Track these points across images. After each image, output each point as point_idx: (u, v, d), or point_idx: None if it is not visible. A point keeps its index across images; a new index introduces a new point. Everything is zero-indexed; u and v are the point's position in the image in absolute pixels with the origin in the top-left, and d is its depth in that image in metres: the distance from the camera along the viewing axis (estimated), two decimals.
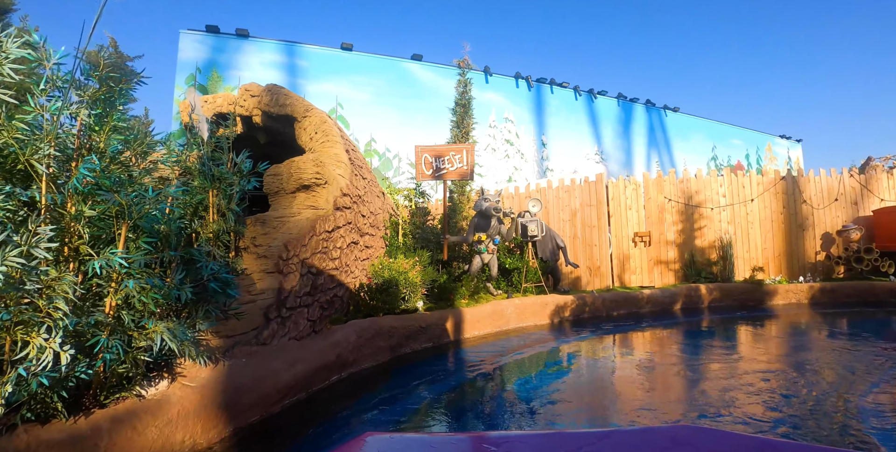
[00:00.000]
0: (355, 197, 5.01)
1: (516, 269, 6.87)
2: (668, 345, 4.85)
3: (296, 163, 3.89)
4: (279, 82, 14.08)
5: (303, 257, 3.73)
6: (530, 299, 6.08)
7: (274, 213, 3.54)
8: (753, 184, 8.60)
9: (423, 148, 6.25)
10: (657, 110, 21.29)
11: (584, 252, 8.22)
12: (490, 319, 5.50)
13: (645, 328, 5.78)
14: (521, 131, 17.37)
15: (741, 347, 4.70)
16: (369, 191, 6.02)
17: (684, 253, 8.32)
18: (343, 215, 4.47)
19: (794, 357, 4.11)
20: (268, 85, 6.19)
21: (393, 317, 4.50)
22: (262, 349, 3.21)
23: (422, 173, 6.24)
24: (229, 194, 3.10)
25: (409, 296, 4.80)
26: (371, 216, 5.73)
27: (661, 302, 7.17)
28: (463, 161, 6.19)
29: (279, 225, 3.49)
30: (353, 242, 4.81)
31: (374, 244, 5.72)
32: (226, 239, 2.99)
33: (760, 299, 7.59)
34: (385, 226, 6.54)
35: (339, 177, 4.60)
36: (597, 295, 6.73)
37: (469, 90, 7.47)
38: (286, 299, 3.51)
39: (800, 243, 8.61)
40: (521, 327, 5.81)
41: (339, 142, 5.20)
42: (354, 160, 5.64)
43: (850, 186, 8.92)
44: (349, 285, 4.71)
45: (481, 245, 6.29)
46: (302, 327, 3.73)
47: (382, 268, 4.75)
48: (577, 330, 5.71)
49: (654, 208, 8.42)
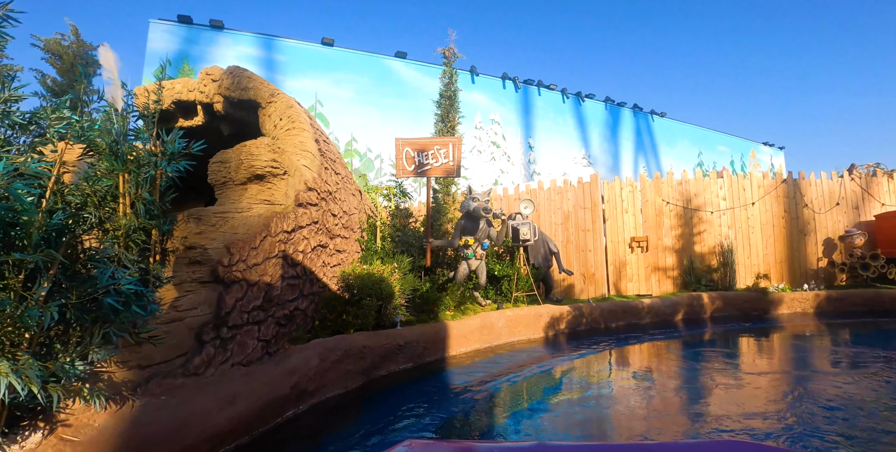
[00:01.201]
0: (324, 193, 4.33)
1: (506, 276, 6.25)
2: (676, 365, 4.26)
3: (247, 148, 3.20)
4: None
5: (253, 263, 3.04)
6: (523, 310, 5.45)
7: (215, 207, 2.85)
8: (754, 186, 8.16)
9: (405, 141, 5.61)
10: (644, 115, 21.06)
11: (577, 258, 7.65)
12: (478, 333, 4.85)
13: (648, 343, 5.20)
14: (508, 133, 16.86)
15: (761, 369, 4.13)
16: (343, 188, 5.34)
17: (683, 259, 7.81)
18: (308, 213, 3.79)
19: (832, 386, 3.55)
20: (230, 67, 5.49)
21: (366, 334, 3.81)
22: (192, 381, 2.50)
23: (403, 169, 5.58)
24: (150, 181, 2.40)
25: (385, 308, 4.13)
26: (344, 216, 5.05)
27: (662, 313, 6.62)
28: (449, 156, 5.56)
29: (220, 223, 2.80)
30: (320, 245, 4.13)
31: (347, 248, 5.04)
32: (139, 239, 2.29)
33: (765, 308, 7.10)
34: (361, 228, 5.86)
35: (304, 169, 3.92)
36: (594, 305, 6.14)
37: (455, 81, 6.86)
38: (228, 315, 2.81)
39: (801, 249, 8.19)
40: (513, 341, 5.18)
41: (307, 130, 4.52)
42: (326, 152, 4.96)
43: (851, 189, 8.56)
44: (315, 296, 4.01)
45: (468, 250, 5.65)
46: (251, 349, 3.03)
47: (355, 276, 4.07)
48: (575, 345, 5.10)
49: (652, 212, 7.90)
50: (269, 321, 3.25)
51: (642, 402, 3.17)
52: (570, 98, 18.71)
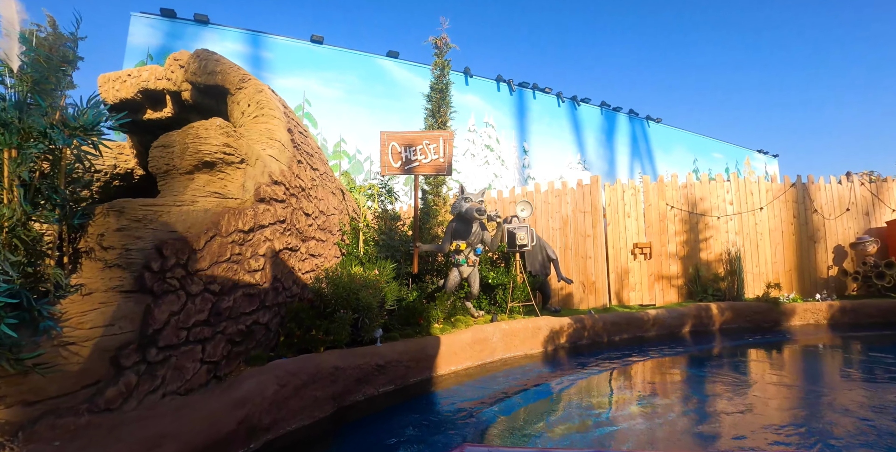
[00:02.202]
0: (296, 189, 3.79)
1: (501, 285, 5.72)
2: (690, 387, 3.75)
3: (195, 129, 2.67)
4: None
5: (196, 269, 2.49)
6: (520, 322, 4.92)
7: (144, 199, 2.31)
8: (762, 191, 7.74)
9: (391, 135, 5.09)
10: (640, 121, 20.76)
11: (576, 265, 7.15)
12: (470, 349, 4.31)
13: (657, 360, 4.69)
14: (502, 137, 16.43)
15: (789, 396, 3.63)
16: (321, 186, 4.81)
17: (688, 267, 7.34)
18: (271, 211, 3.25)
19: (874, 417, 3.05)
20: (197, 50, 4.96)
21: (339, 353, 3.26)
22: (104, 419, 1.95)
23: (388, 166, 5.06)
24: (56, 162, 1.86)
25: (363, 322, 3.58)
26: (321, 217, 4.51)
27: (669, 325, 6.12)
28: (439, 152, 5.05)
29: (151, 218, 2.26)
30: (288, 248, 3.58)
31: (323, 253, 4.49)
32: (24, 235, 1.74)
33: (777, 320, 6.64)
34: (342, 231, 5.32)
35: (270, 159, 3.38)
36: (596, 317, 5.63)
37: (447, 74, 6.37)
38: (159, 333, 2.26)
39: (811, 257, 7.76)
40: (509, 358, 4.64)
41: (279, 118, 4.00)
42: (301, 145, 4.43)
43: (861, 195, 8.17)
44: (280, 307, 3.46)
45: (460, 256, 5.13)
46: (191, 374, 2.47)
47: (328, 284, 3.52)
48: (577, 362, 4.58)
49: (655, 216, 7.44)
50: (219, 338, 2.69)
51: (660, 434, 2.65)
52: (566, 102, 18.35)
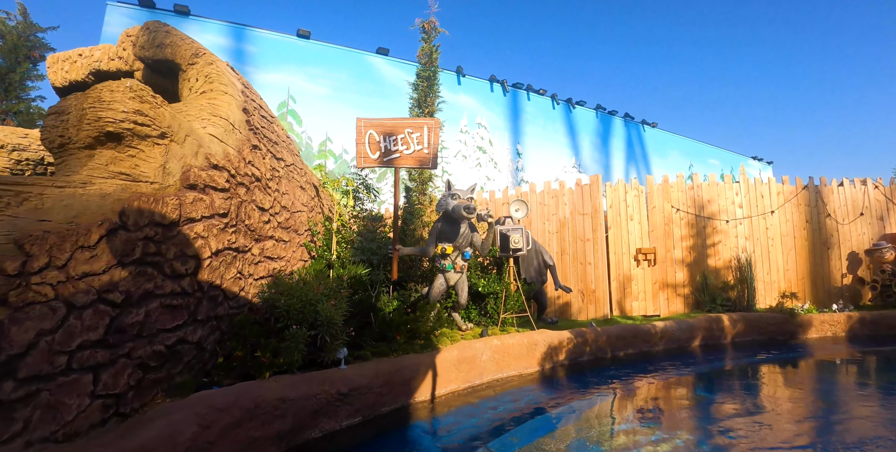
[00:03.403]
0: (247, 178, 3.16)
1: (493, 294, 5.11)
2: (709, 418, 3.15)
3: (97, 91, 2.05)
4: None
5: (83, 272, 1.86)
6: (513, 338, 4.30)
7: (4, 177, 1.69)
8: (773, 193, 7.22)
9: (369, 122, 4.49)
10: (636, 125, 20.37)
11: (575, 272, 6.56)
12: (456, 370, 3.68)
13: (668, 380, 4.09)
14: (495, 139, 15.89)
15: (813, 427, 3.05)
16: (287, 178, 4.18)
17: (695, 275, 6.78)
18: (206, 201, 2.62)
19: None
20: (147, 21, 4.34)
21: (289, 379, 2.62)
22: None
23: (365, 157, 4.45)
24: None
25: (324, 340, 2.94)
26: (283, 214, 3.88)
27: (678, 338, 5.54)
28: (423, 142, 4.45)
29: (9, 202, 1.63)
30: (232, 248, 2.95)
31: (285, 255, 3.86)
32: None
33: (792, 332, 6.09)
34: (312, 231, 4.69)
35: (210, 139, 2.76)
36: (599, 330, 5.03)
37: (435, 60, 5.79)
38: (21, 358, 1.62)
39: (825, 264, 7.24)
40: (501, 379, 4.02)
41: (231, 94, 3.38)
42: (262, 129, 3.81)
43: (875, 198, 7.69)
44: (220, 321, 2.82)
45: (446, 261, 4.51)
46: (75, 413, 1.83)
47: (280, 293, 2.89)
48: (578, 384, 3.97)
49: (660, 219, 6.89)
50: (122, 363, 2.05)
51: None
52: (561, 104, 17.90)
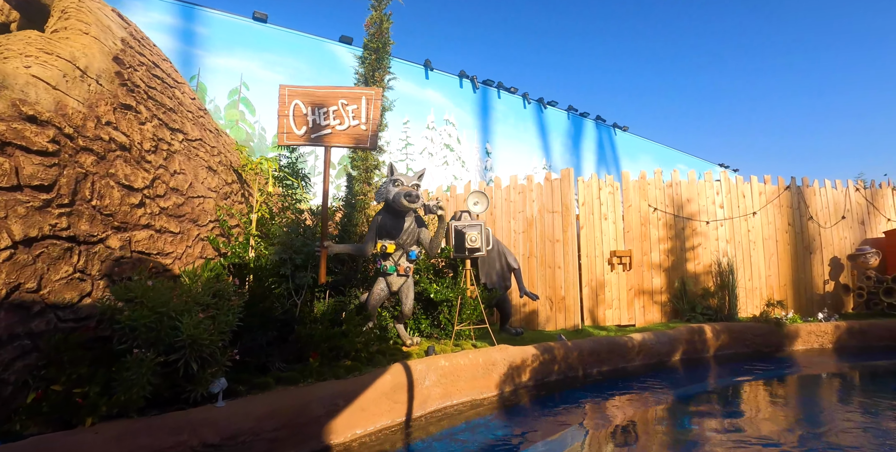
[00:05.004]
0: (101, 143, 2.29)
1: (447, 301, 4.32)
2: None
3: None
4: (168, 51, 10.96)
5: None
6: (466, 356, 3.52)
7: None
8: (755, 193, 6.72)
9: (294, 90, 3.65)
10: (607, 128, 20.08)
11: (543, 277, 5.85)
12: (389, 399, 2.87)
13: (651, 407, 3.40)
14: (464, 137, 15.20)
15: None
16: (187, 156, 3.30)
17: (674, 280, 6.18)
18: (8, 167, 1.75)
19: None
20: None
21: (121, 427, 1.76)
22: None
23: (289, 133, 3.61)
24: None
25: (191, 368, 2.09)
26: (172, 197, 3.00)
27: (657, 352, 4.88)
28: (360, 116, 3.64)
29: None
30: (65, 238, 2.07)
31: (172, 251, 2.97)
32: None
33: (778, 344, 5.54)
34: (221, 221, 3.81)
35: (33, 82, 1.90)
36: (570, 345, 4.30)
37: (386, 30, 5.00)
38: None
39: (807, 270, 6.78)
40: (449, 408, 3.23)
41: (92, 35, 2.50)
42: (147, 88, 2.93)
43: (857, 201, 7.31)
44: (35, 339, 1.93)
45: (387, 261, 3.71)
46: None
47: (121, 300, 2.02)
48: (544, 412, 3.22)
49: (636, 219, 6.27)
50: None
51: None
52: (532, 103, 17.39)
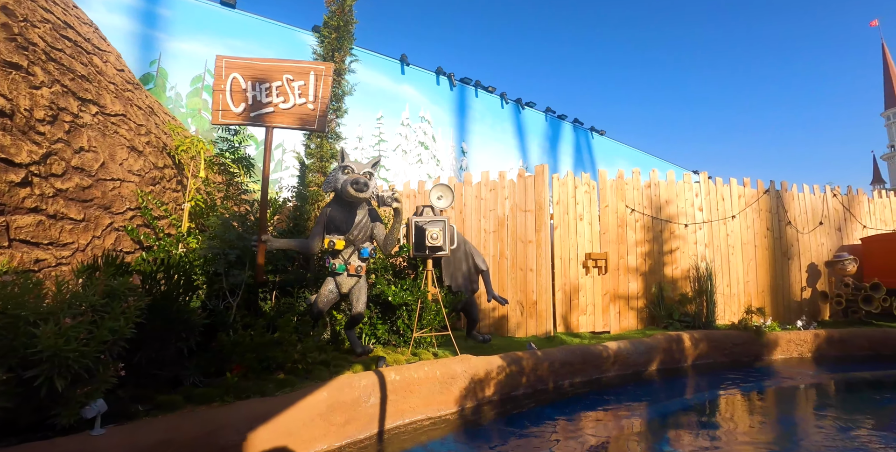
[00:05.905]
0: None
1: (406, 305, 3.89)
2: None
3: None
4: (128, 33, 10.18)
5: None
6: (420, 369, 3.09)
7: None
8: (734, 196, 6.50)
9: (232, 62, 3.18)
10: (584, 131, 20.00)
11: (514, 280, 5.48)
12: (325, 421, 2.42)
13: (625, 428, 3.03)
14: (439, 135, 14.81)
15: None
16: (102, 132, 2.79)
17: (650, 285, 5.89)
18: None
19: None
20: None
21: None
22: None
23: (225, 110, 3.13)
24: None
25: (54, 389, 1.61)
26: (75, 179, 2.50)
27: (633, 362, 4.55)
28: (308, 94, 3.19)
29: None
30: None
31: (72, 242, 2.46)
32: None
33: (758, 353, 5.29)
34: (143, 211, 3.29)
35: None
36: (539, 355, 3.92)
37: (349, 7, 4.56)
38: None
39: (785, 276, 6.59)
40: (401, 428, 2.79)
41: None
42: (49, 49, 2.42)
43: (834, 208, 7.19)
44: None
45: (337, 260, 3.26)
46: None
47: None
48: (509, 432, 2.82)
49: (613, 221, 5.96)
50: None
51: None
52: (510, 104, 17.14)
